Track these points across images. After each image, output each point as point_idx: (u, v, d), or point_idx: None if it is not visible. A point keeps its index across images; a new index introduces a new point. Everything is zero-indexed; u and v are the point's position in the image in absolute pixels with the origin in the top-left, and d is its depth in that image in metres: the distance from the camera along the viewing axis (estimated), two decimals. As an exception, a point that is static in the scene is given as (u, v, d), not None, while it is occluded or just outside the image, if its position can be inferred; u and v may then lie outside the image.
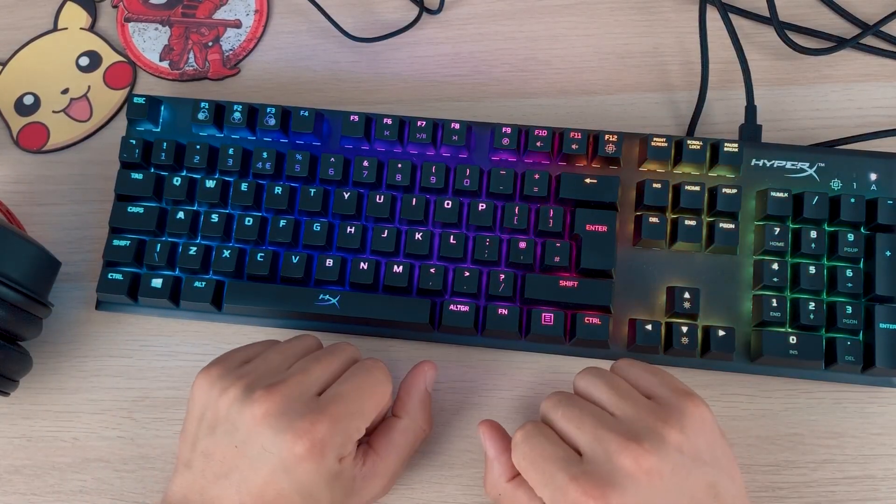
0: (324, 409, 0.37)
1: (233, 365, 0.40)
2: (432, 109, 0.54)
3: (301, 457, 0.36)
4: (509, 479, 0.39)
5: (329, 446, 0.37)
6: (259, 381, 0.38)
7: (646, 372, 0.39)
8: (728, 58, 0.53)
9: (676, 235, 0.46)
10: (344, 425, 0.38)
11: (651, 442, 0.35)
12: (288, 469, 0.36)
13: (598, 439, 0.35)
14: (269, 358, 0.41)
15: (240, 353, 0.42)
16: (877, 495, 0.45)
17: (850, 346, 0.45)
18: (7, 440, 0.48)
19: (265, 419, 0.37)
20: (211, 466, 0.38)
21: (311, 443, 0.36)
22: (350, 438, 0.39)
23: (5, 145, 0.55)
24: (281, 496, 0.37)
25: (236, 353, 0.42)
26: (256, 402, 0.37)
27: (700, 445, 0.36)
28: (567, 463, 0.35)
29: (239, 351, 0.42)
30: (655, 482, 0.34)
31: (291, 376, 0.39)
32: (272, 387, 0.38)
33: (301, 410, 0.37)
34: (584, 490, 0.34)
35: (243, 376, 0.39)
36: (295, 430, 0.36)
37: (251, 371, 0.39)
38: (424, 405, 0.44)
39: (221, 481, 0.37)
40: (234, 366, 0.40)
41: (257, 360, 0.41)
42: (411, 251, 0.47)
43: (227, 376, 0.39)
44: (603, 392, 0.38)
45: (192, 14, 0.58)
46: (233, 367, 0.40)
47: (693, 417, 0.36)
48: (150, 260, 0.48)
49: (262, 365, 0.40)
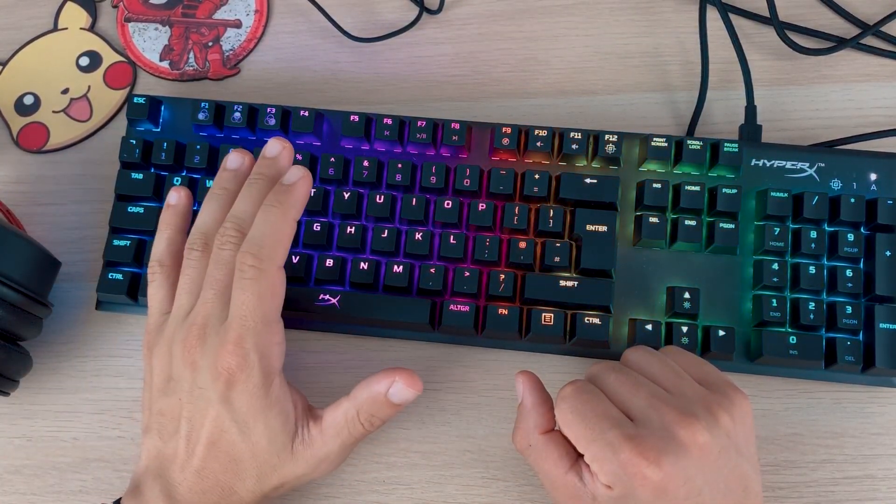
0: (227, 336, 0.38)
1: (157, 324, 0.42)
2: (432, 109, 0.54)
3: (227, 385, 0.38)
4: (543, 431, 0.40)
5: (244, 368, 0.38)
6: (178, 329, 0.40)
7: (695, 359, 0.40)
8: (728, 58, 0.53)
9: (676, 235, 0.46)
10: (251, 342, 0.38)
11: (707, 420, 0.35)
12: (223, 399, 0.38)
13: (653, 407, 0.36)
14: (181, 304, 0.41)
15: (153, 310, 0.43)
16: (876, 495, 0.45)
17: (850, 346, 0.45)
18: (7, 440, 0.48)
19: (192, 364, 0.39)
20: (165, 426, 0.40)
21: (228, 372, 0.38)
22: (265, 351, 0.39)
23: (5, 145, 0.55)
24: (224, 433, 0.39)
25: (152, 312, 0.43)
26: (181, 351, 0.39)
27: (743, 437, 0.37)
28: (620, 422, 0.36)
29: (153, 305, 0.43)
30: (704, 459, 0.35)
31: (199, 315, 0.40)
32: (188, 331, 0.39)
33: (213, 343, 0.39)
34: (639, 451, 0.34)
35: (165, 330, 0.41)
36: (212, 366, 0.38)
37: (170, 323, 0.41)
38: (374, 403, 0.41)
39: (173, 438, 0.40)
40: (157, 325, 0.42)
41: (173, 309, 0.42)
42: (411, 251, 0.47)
43: (157, 337, 0.42)
44: (657, 368, 0.39)
45: (193, 14, 0.58)
46: (159, 325, 0.42)
47: (741, 408, 0.37)
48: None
49: (178, 313, 0.41)
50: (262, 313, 0.39)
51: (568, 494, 0.38)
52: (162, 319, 0.42)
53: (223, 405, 0.38)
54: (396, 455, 0.47)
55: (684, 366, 0.39)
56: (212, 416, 0.39)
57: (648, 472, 0.34)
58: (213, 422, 0.39)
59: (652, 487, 0.34)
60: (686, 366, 0.39)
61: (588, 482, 0.37)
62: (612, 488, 0.36)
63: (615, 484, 0.35)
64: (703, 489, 0.35)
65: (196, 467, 0.39)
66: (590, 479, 0.37)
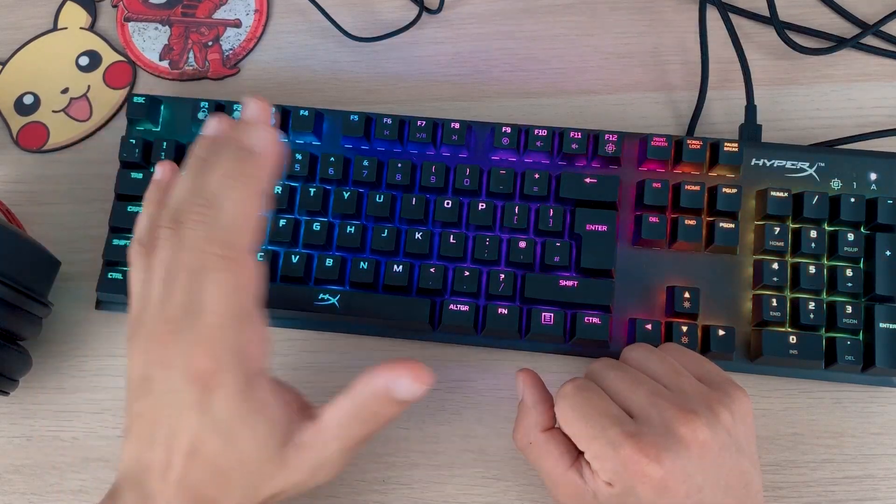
0: (198, 335, 0.34)
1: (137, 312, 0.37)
2: (432, 109, 0.54)
3: (204, 389, 0.34)
4: (544, 429, 0.40)
5: (220, 371, 0.34)
6: (153, 322, 0.35)
7: (695, 357, 0.40)
8: (728, 58, 0.53)
9: (676, 235, 0.46)
10: (226, 342, 0.34)
11: (707, 417, 0.35)
12: (201, 405, 0.34)
13: (654, 405, 0.36)
14: (153, 293, 0.36)
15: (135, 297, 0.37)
16: (877, 495, 0.45)
17: (850, 345, 0.45)
18: (7, 440, 0.48)
19: (165, 364, 0.34)
20: (143, 429, 0.35)
21: (203, 375, 0.34)
22: (242, 349, 0.35)
23: (5, 145, 0.55)
24: (205, 443, 0.34)
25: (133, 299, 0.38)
26: (155, 347, 0.35)
27: (743, 434, 0.37)
28: (620, 420, 0.36)
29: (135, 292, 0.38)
30: (704, 456, 0.35)
31: (171, 307, 0.35)
32: (161, 326, 0.35)
33: (186, 341, 0.34)
34: (639, 448, 0.34)
35: (143, 322, 0.36)
36: (186, 367, 0.34)
37: (146, 313, 0.36)
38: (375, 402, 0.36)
39: (152, 444, 0.35)
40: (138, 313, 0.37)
41: (149, 298, 0.36)
42: (411, 251, 0.47)
43: (136, 328, 0.36)
44: (657, 365, 0.39)
45: (192, 14, 0.58)
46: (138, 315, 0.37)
47: (741, 405, 0.37)
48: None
49: (150, 303, 0.36)
50: (235, 309, 0.34)
51: (569, 492, 0.38)
52: (142, 307, 0.36)
53: (201, 412, 0.34)
54: (396, 455, 0.47)
55: (684, 363, 0.39)
56: (190, 424, 0.34)
57: (649, 469, 0.34)
58: (192, 430, 0.34)
59: (653, 485, 0.34)
60: (686, 363, 0.40)
61: (589, 480, 0.37)
62: (612, 486, 0.36)
63: (616, 481, 0.35)
64: (704, 486, 0.35)
65: (176, 478, 0.34)
66: (590, 477, 0.37)
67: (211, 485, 0.34)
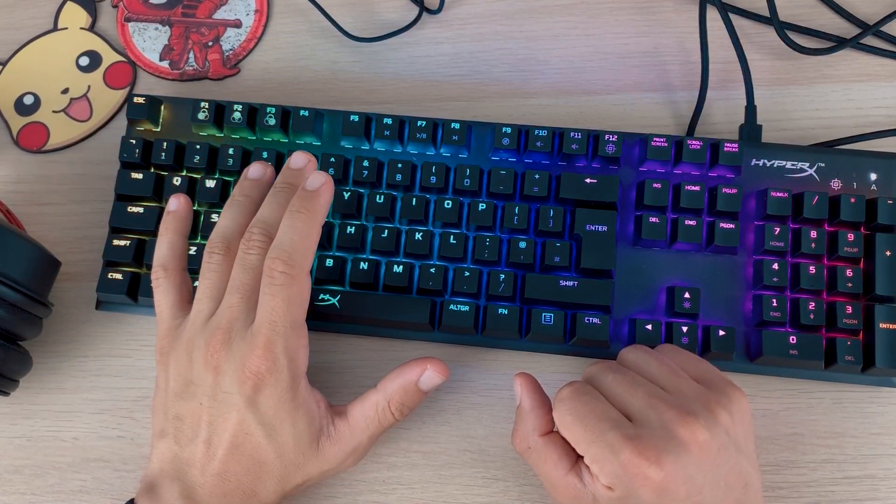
0: (255, 341, 0.38)
1: (170, 329, 0.42)
2: (432, 109, 0.54)
3: (255, 388, 0.38)
4: (542, 433, 0.40)
5: (274, 371, 0.38)
6: (199, 334, 0.40)
7: (692, 358, 0.40)
8: (728, 58, 0.53)
9: (676, 235, 0.46)
10: (280, 346, 0.39)
11: (705, 419, 0.35)
12: (249, 403, 0.39)
13: (652, 407, 0.36)
14: (201, 308, 0.41)
15: (164, 315, 0.43)
16: (877, 495, 0.45)
17: (850, 346, 0.45)
18: (7, 440, 0.48)
19: (216, 368, 0.39)
20: (183, 430, 0.40)
21: (256, 376, 0.38)
22: (293, 354, 0.39)
23: (5, 145, 0.55)
24: (248, 436, 0.39)
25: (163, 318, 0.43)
26: (203, 356, 0.39)
27: (742, 434, 0.37)
28: (619, 423, 0.36)
29: (163, 311, 0.43)
30: (703, 457, 0.35)
31: (223, 319, 0.39)
32: (211, 335, 0.39)
33: (240, 347, 0.39)
34: (639, 451, 0.34)
35: (182, 335, 0.41)
36: (239, 370, 0.38)
37: (189, 328, 0.41)
38: (405, 393, 0.42)
39: (192, 442, 0.39)
40: (170, 330, 0.42)
41: (192, 314, 0.41)
42: (411, 251, 0.47)
43: (172, 342, 0.41)
44: (654, 367, 0.39)
45: (192, 14, 0.58)
46: (172, 330, 0.42)
47: (740, 406, 0.37)
48: (150, 260, 0.48)
49: (198, 317, 0.41)
50: (291, 318, 0.39)
51: (569, 496, 0.38)
52: (175, 324, 0.42)
53: (249, 408, 0.39)
54: (396, 455, 0.47)
55: (681, 364, 0.39)
56: (236, 420, 0.39)
57: (649, 472, 0.34)
58: (237, 425, 0.39)
59: (653, 487, 0.34)
60: (683, 364, 0.40)
61: (588, 483, 0.37)
62: (612, 489, 0.36)
63: (616, 485, 0.35)
64: (704, 487, 0.35)
65: (217, 470, 0.39)
66: (590, 481, 0.37)
67: (249, 475, 0.39)
